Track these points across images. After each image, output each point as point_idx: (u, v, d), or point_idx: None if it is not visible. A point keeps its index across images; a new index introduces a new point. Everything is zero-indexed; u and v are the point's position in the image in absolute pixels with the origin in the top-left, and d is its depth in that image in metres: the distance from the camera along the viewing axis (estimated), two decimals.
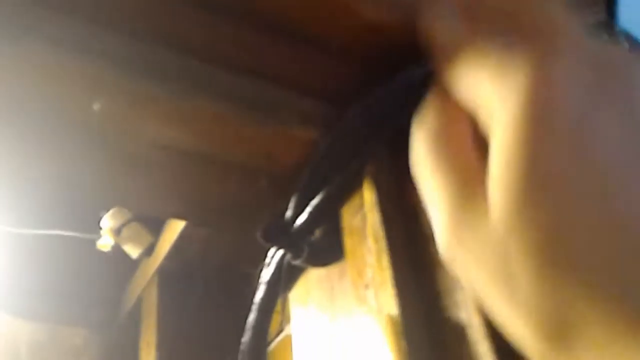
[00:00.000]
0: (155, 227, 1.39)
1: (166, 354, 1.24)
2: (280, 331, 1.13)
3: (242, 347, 0.83)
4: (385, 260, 0.48)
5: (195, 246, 1.31)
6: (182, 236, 1.26)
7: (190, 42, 0.43)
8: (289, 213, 0.66)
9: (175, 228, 1.31)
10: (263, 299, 0.72)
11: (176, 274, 1.33)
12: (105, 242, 1.34)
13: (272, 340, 1.15)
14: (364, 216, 0.53)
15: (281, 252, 0.68)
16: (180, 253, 1.31)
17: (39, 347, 1.86)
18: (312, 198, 0.60)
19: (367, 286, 0.52)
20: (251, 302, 0.80)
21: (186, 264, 1.33)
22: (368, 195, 0.52)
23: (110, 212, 1.37)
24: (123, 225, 1.37)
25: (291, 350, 0.85)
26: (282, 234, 0.65)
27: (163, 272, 1.34)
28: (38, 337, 1.85)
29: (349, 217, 0.58)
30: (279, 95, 0.49)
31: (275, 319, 1.15)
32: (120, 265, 1.47)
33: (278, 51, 0.44)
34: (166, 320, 1.28)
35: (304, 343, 0.66)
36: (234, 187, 0.64)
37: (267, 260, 0.71)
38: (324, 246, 0.65)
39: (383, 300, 0.47)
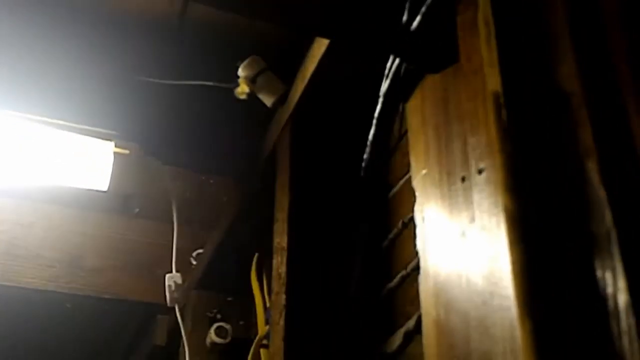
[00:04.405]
0: (288, 78, 1.43)
1: (299, 193, 1.30)
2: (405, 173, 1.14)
3: (363, 163, 0.85)
4: (493, 43, 0.47)
5: (325, 93, 1.34)
6: (313, 82, 1.29)
7: None
8: (404, 18, 0.65)
9: (305, 75, 1.34)
10: (381, 112, 0.74)
11: (308, 119, 1.38)
12: (242, 90, 1.40)
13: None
14: (476, 6, 0.52)
15: (397, 61, 0.68)
16: (311, 100, 1.35)
17: (190, 201, 2.00)
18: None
19: (475, 71, 0.51)
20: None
21: (317, 110, 1.36)
22: None
23: (246, 61, 1.42)
24: (257, 74, 1.42)
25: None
26: (398, 40, 0.64)
27: (295, 118, 1.39)
28: (188, 190, 1.99)
29: (462, 12, 0.57)
30: None
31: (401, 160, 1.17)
32: (257, 115, 1.53)
33: None
34: (299, 162, 1.34)
35: (422, 145, 0.66)
36: None
37: (386, 72, 0.72)
38: (439, 47, 0.64)
39: (489, 79, 0.47)
